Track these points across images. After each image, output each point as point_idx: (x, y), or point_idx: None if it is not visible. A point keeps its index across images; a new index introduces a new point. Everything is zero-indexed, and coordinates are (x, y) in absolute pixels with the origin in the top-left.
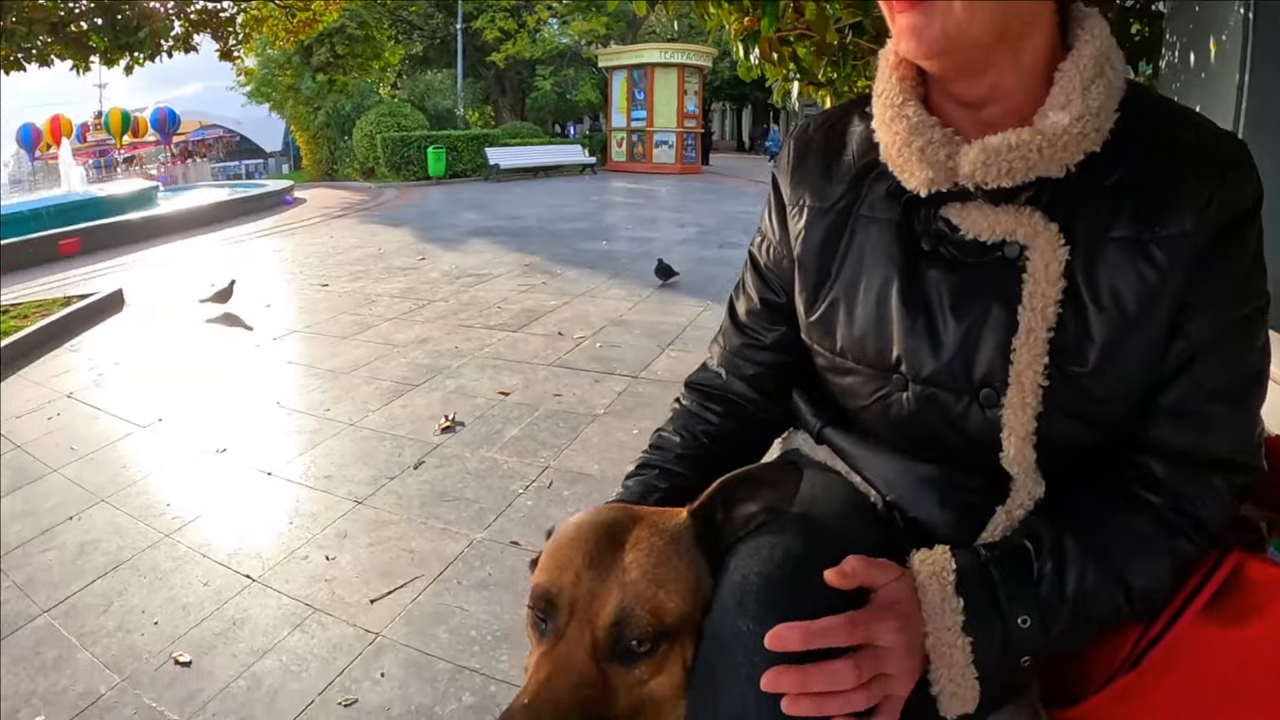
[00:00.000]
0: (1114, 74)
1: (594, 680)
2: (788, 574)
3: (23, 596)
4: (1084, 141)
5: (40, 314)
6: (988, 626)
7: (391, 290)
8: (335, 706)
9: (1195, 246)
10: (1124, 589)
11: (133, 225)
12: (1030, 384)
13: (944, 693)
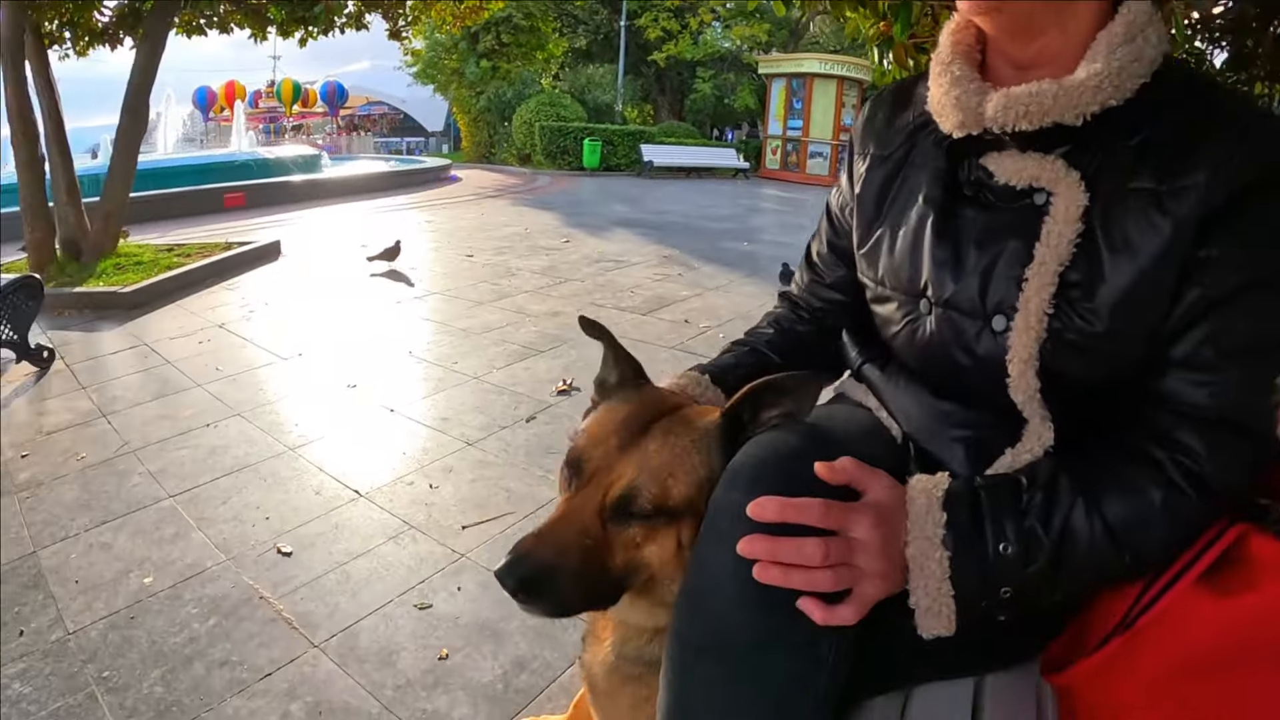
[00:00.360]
0: (1146, 43)
1: (595, 533)
2: (781, 459)
3: (153, 482)
4: (1099, 94)
5: (201, 254)
6: (967, 544)
7: (532, 266)
8: (410, 607)
9: (1210, 200)
10: (1112, 536)
11: (295, 186)
12: (1036, 310)
13: (920, 607)
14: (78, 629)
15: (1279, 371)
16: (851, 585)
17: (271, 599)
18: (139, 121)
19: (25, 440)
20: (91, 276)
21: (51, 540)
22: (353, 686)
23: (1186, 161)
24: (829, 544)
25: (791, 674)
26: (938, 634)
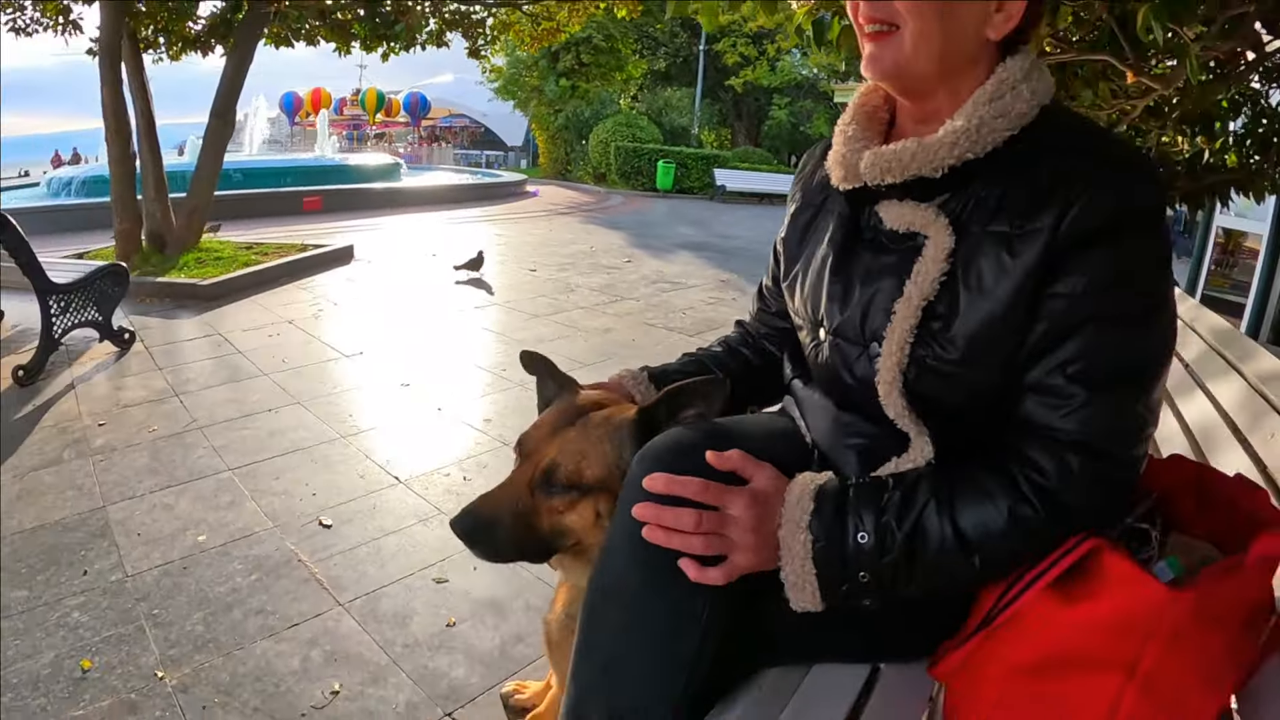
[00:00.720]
0: (1016, 98)
1: (526, 500)
2: (680, 446)
3: (215, 456)
4: (956, 149)
5: (278, 254)
6: (828, 530)
7: (591, 284)
8: (429, 580)
9: (1055, 243)
10: (960, 538)
11: (372, 194)
12: (899, 339)
13: (788, 582)
14: (135, 573)
15: (1135, 400)
16: (724, 553)
17: (308, 563)
18: (226, 125)
19: (103, 411)
20: (173, 268)
21: (120, 498)
22: (367, 641)
23: (1040, 207)
24: (704, 516)
25: (671, 621)
26: (806, 608)
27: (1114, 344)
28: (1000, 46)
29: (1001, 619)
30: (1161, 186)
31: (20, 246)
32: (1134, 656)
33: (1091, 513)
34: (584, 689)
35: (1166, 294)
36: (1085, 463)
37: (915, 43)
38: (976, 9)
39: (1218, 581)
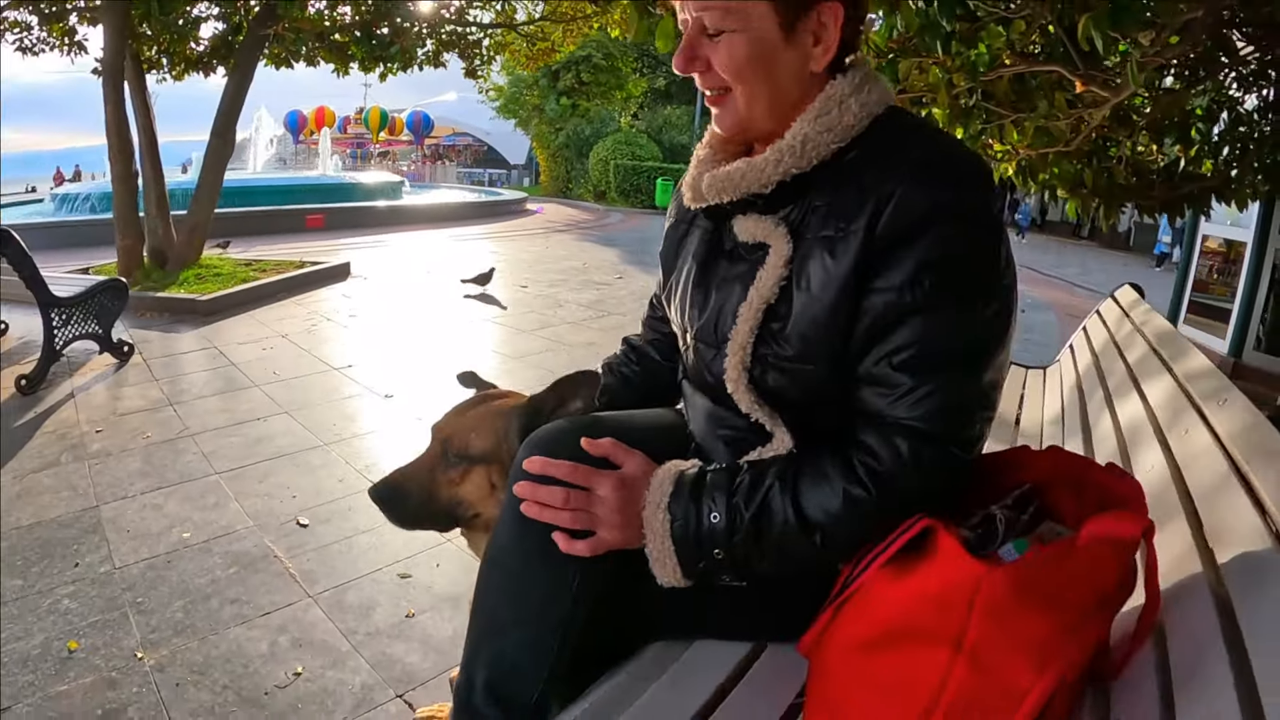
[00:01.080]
0: (844, 112)
1: (429, 470)
2: (561, 434)
3: (204, 461)
4: (780, 166)
5: (276, 271)
6: (685, 510)
7: (581, 299)
8: (395, 575)
9: (870, 236)
10: (802, 518)
11: (374, 212)
12: (741, 339)
13: (652, 557)
14: (123, 566)
15: (960, 384)
16: (591, 529)
17: (284, 558)
18: (226, 144)
19: (101, 419)
20: (174, 284)
21: (113, 498)
22: (332, 630)
23: (858, 211)
24: (571, 495)
25: (545, 589)
26: (670, 583)
27: (934, 333)
28: (836, 67)
29: (845, 595)
30: (981, 185)
31: (23, 261)
32: (959, 629)
33: (921, 494)
34: (473, 648)
35: (988, 283)
36: (914, 446)
37: (748, 102)
38: (796, 55)
39: (1044, 560)
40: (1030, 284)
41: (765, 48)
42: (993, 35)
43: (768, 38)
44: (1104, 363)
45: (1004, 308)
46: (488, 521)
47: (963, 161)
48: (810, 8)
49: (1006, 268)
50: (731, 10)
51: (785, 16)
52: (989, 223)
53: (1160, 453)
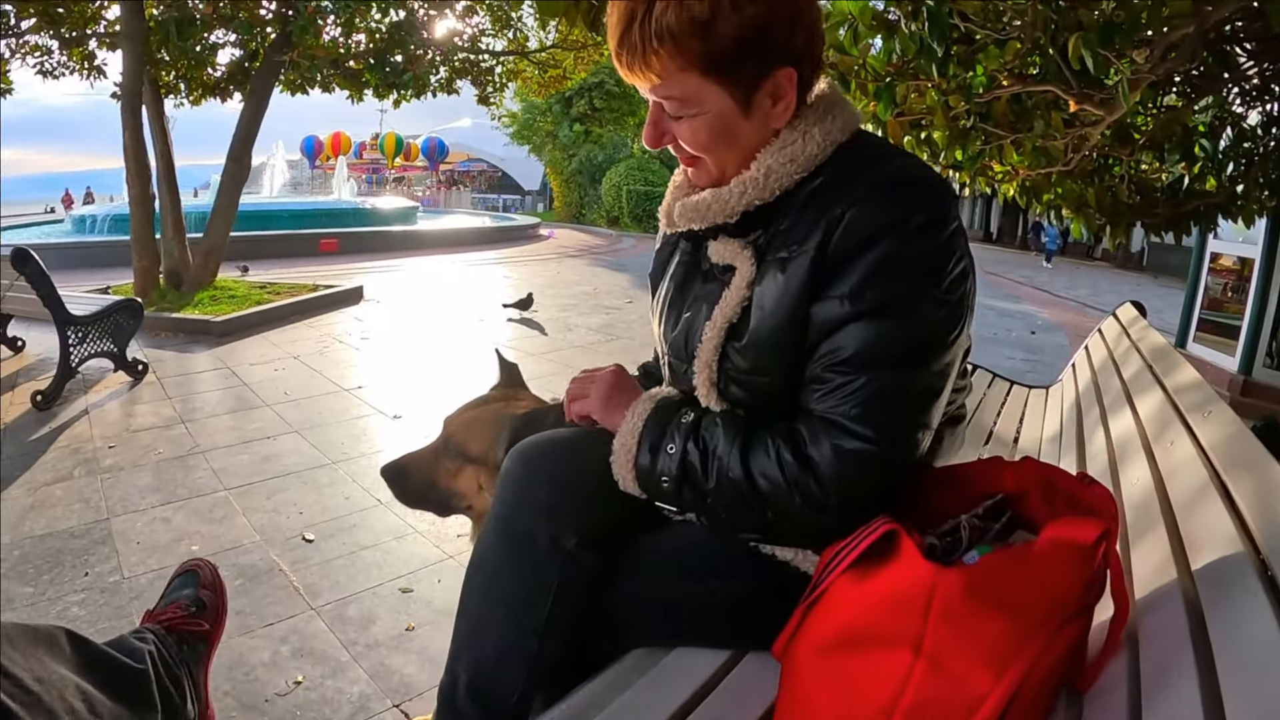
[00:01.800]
0: (808, 142)
1: (433, 459)
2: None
3: (214, 477)
4: (745, 197)
5: (289, 294)
6: (653, 435)
7: (590, 324)
8: (396, 590)
9: (821, 256)
10: (745, 469)
11: (387, 236)
12: (707, 357)
13: (615, 455)
14: (132, 576)
15: (889, 385)
16: (582, 395)
17: (289, 572)
18: (242, 169)
19: (114, 435)
20: (188, 305)
21: (124, 511)
22: (333, 641)
23: (812, 231)
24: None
25: (525, 591)
26: (625, 486)
27: (869, 336)
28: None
29: (813, 597)
30: (932, 204)
31: (41, 280)
32: (918, 632)
33: (847, 485)
34: (457, 649)
35: (930, 295)
36: (835, 438)
37: (719, 165)
38: (757, 119)
39: (1001, 564)
40: (1042, 305)
41: (726, 122)
42: (990, 57)
43: (726, 114)
44: (1101, 379)
45: (947, 317)
46: (480, 513)
47: (916, 183)
48: (763, 78)
49: (955, 282)
50: (687, 98)
51: (738, 93)
52: (936, 239)
53: (1146, 465)
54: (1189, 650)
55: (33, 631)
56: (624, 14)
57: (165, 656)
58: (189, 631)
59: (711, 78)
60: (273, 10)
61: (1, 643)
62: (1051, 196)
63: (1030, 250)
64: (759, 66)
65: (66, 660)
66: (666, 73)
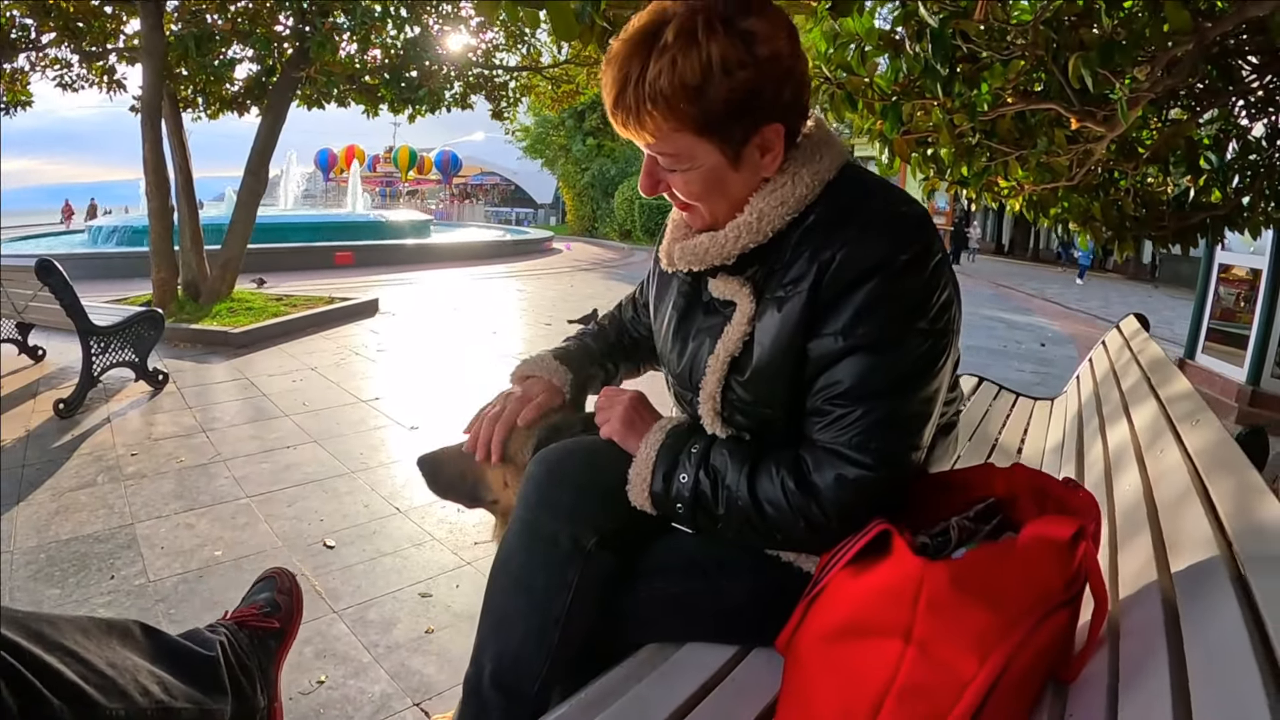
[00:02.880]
0: (797, 184)
1: (466, 455)
2: (566, 449)
3: (236, 485)
4: (740, 241)
5: (306, 306)
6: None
7: None
8: (415, 594)
9: (815, 295)
10: (753, 497)
11: (402, 249)
12: (711, 389)
13: (632, 478)
14: (157, 579)
15: (882, 413)
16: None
17: (310, 576)
18: (259, 182)
19: (136, 443)
20: (207, 316)
21: (147, 517)
22: (354, 643)
23: (806, 271)
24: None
25: (546, 586)
26: (641, 505)
27: (863, 369)
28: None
29: (815, 593)
30: (915, 242)
31: (64, 290)
32: (908, 622)
33: (846, 507)
34: (482, 641)
35: (917, 327)
36: (837, 466)
37: (712, 211)
38: (747, 171)
39: (985, 558)
40: (1052, 317)
41: (716, 175)
42: (994, 75)
43: (717, 168)
44: (1102, 391)
45: (934, 347)
46: (504, 509)
47: (901, 221)
48: (752, 134)
49: (939, 312)
50: (680, 155)
51: (729, 150)
52: (921, 275)
53: (1137, 473)
54: (1163, 644)
55: (106, 623)
56: (618, 77)
57: (236, 648)
58: (261, 628)
59: (703, 137)
60: (289, 27)
61: (75, 632)
62: (1058, 210)
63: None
64: (748, 125)
65: (140, 649)
66: (660, 132)
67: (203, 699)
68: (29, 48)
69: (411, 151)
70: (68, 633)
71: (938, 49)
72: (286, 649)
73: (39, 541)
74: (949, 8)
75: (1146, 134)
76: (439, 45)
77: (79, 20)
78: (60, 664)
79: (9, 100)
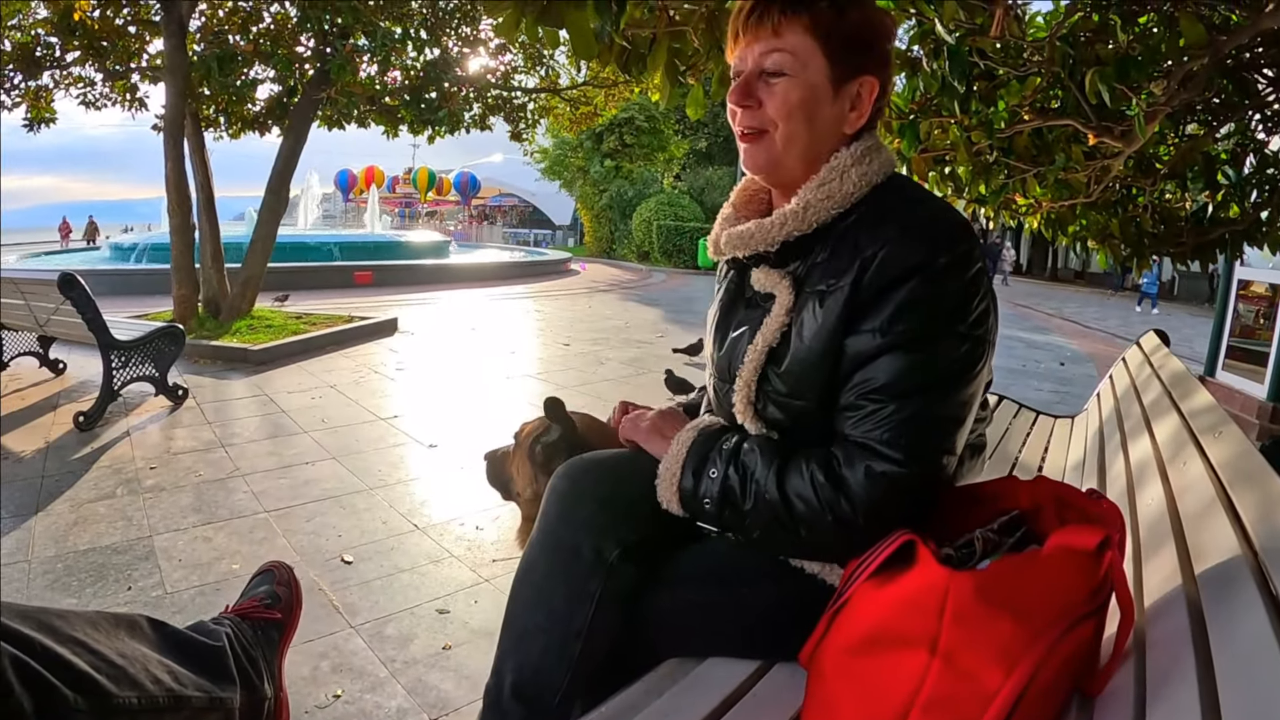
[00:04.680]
0: (845, 181)
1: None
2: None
3: (254, 500)
4: (784, 229)
5: (325, 324)
6: (697, 461)
7: (622, 357)
8: (433, 611)
9: (855, 290)
10: (781, 492)
11: (421, 270)
12: (747, 377)
13: (661, 477)
14: (174, 591)
15: (915, 411)
16: (636, 439)
17: (328, 591)
18: (280, 201)
19: (155, 456)
20: (227, 333)
21: (165, 530)
22: (371, 657)
23: (848, 267)
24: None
25: (568, 597)
26: (669, 507)
27: (900, 367)
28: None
29: (838, 605)
30: (956, 247)
31: (87, 304)
32: (934, 633)
33: (876, 504)
34: (503, 653)
35: (955, 330)
36: (869, 460)
37: (784, 144)
38: (835, 112)
39: (1009, 568)
40: (1071, 336)
41: (814, 95)
42: (1011, 93)
43: (819, 87)
44: (1123, 407)
45: (971, 351)
46: (526, 503)
47: (943, 226)
48: (856, 75)
49: (978, 319)
50: (797, 57)
51: (835, 73)
52: (961, 279)
53: (1161, 486)
54: (1190, 654)
55: (114, 617)
56: None
57: (242, 639)
58: (264, 619)
59: (822, 46)
60: (311, 48)
61: (85, 625)
62: (1076, 228)
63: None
64: (858, 63)
65: (148, 640)
66: (793, 29)
67: (212, 687)
68: (54, 66)
69: (431, 172)
70: (78, 626)
71: (954, 66)
72: (288, 640)
73: (57, 551)
74: (965, 25)
75: (1164, 149)
76: (458, 67)
77: (103, 39)
78: (72, 655)
79: (33, 117)
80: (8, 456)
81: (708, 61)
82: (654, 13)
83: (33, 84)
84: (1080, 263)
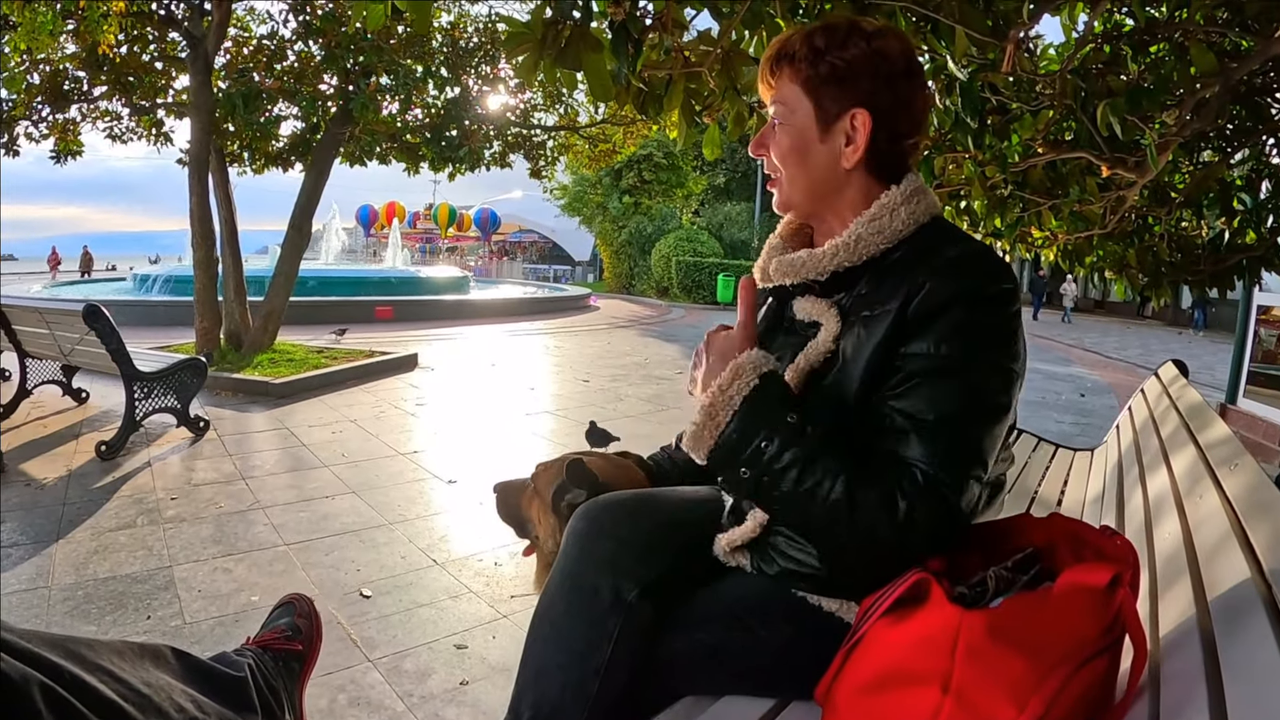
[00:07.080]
0: (894, 219)
1: (522, 487)
2: (608, 503)
3: (274, 532)
4: (835, 260)
5: (346, 359)
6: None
7: (641, 394)
8: (451, 646)
9: (902, 315)
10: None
11: (441, 305)
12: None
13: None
14: (193, 621)
15: (955, 435)
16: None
17: (346, 625)
18: (303, 236)
19: (175, 487)
20: (248, 366)
21: (186, 560)
22: (388, 691)
23: (895, 294)
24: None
25: (586, 638)
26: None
27: (936, 391)
28: (883, 174)
29: (852, 643)
30: (1001, 281)
31: (111, 335)
32: (946, 670)
33: (918, 526)
34: (520, 691)
35: (996, 361)
36: (901, 480)
37: (790, 186)
38: (828, 150)
39: (1021, 606)
40: (1091, 367)
41: (804, 139)
42: (1024, 126)
43: (806, 130)
44: (1142, 439)
45: (1006, 382)
46: (543, 541)
47: (988, 261)
48: (843, 113)
49: (1014, 354)
50: (787, 104)
51: (822, 114)
52: (1003, 312)
53: (1177, 519)
54: (1204, 691)
55: (139, 646)
56: (775, 45)
57: (263, 670)
58: (284, 650)
59: (806, 91)
60: (334, 86)
61: (111, 654)
62: (1093, 259)
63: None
64: (847, 96)
65: (172, 670)
66: (780, 80)
67: (234, 717)
68: (81, 99)
69: (451, 209)
70: (104, 654)
71: (967, 102)
72: (309, 671)
73: (77, 579)
74: (977, 61)
75: (1178, 178)
76: (479, 105)
77: (130, 75)
78: (99, 683)
79: (60, 149)
80: (30, 483)
81: (723, 102)
82: (670, 55)
83: (60, 117)
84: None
